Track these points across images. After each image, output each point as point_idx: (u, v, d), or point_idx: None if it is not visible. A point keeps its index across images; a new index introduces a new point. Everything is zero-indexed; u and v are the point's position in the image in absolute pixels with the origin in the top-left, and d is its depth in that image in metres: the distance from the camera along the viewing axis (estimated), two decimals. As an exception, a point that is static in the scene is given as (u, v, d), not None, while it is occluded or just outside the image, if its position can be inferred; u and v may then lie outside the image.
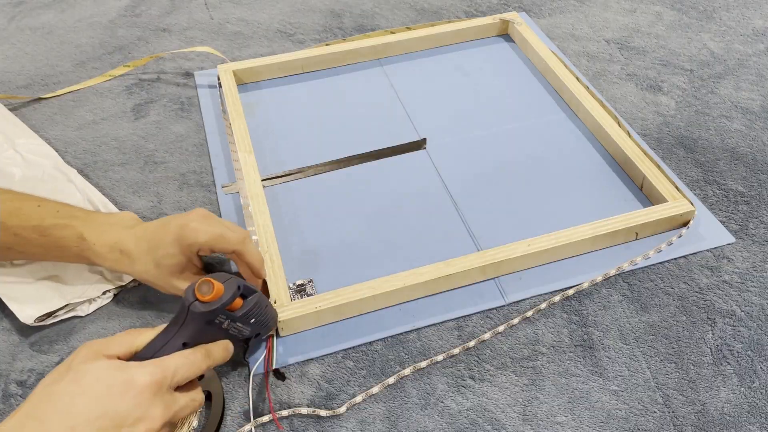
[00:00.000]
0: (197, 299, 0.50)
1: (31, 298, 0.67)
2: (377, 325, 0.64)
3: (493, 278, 0.68)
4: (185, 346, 0.51)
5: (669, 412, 0.57)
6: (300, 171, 0.80)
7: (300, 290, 0.67)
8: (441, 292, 0.66)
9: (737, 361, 0.61)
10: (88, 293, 0.67)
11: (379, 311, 0.65)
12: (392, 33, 0.99)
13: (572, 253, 0.69)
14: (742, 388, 0.59)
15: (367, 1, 1.11)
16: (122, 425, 0.45)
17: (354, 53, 0.96)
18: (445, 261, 0.66)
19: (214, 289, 0.50)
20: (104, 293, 0.68)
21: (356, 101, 0.90)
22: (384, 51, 0.97)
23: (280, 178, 0.80)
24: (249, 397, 0.59)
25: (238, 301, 0.53)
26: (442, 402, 0.59)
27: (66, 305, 0.66)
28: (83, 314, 0.67)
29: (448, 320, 0.64)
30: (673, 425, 0.56)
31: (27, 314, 0.65)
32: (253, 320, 0.54)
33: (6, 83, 0.96)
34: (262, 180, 0.78)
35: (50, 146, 0.84)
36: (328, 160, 0.82)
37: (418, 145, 0.83)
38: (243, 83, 0.93)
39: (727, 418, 0.57)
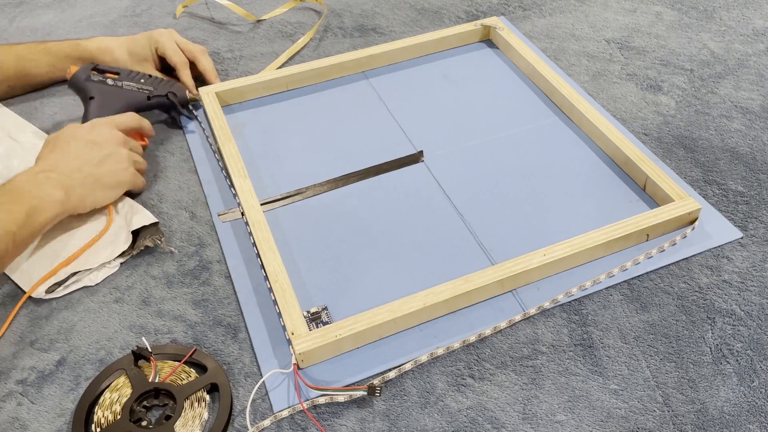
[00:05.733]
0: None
1: (40, 271, 0.68)
2: (400, 350, 0.62)
3: (511, 291, 0.67)
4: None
5: (669, 411, 0.57)
6: (298, 193, 0.77)
7: (315, 318, 0.64)
8: (459, 310, 0.65)
9: (737, 360, 0.61)
10: (94, 261, 0.69)
11: (399, 334, 0.63)
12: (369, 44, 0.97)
13: (587, 260, 0.68)
14: (742, 388, 0.59)
15: (367, 0, 1.12)
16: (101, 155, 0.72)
17: (337, 67, 0.94)
18: (464, 277, 0.64)
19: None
20: (110, 262, 0.70)
21: (346, 116, 0.89)
22: (368, 63, 0.95)
23: (278, 201, 0.77)
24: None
25: None
26: (442, 401, 0.59)
27: (74, 273, 0.68)
28: (92, 284, 0.69)
29: (470, 338, 0.63)
30: (673, 424, 0.56)
31: (38, 287, 0.67)
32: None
33: (7, 82, 0.96)
34: (261, 204, 0.74)
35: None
36: (326, 180, 0.79)
37: (416, 158, 0.82)
38: (228, 104, 0.91)
39: (727, 417, 0.57)
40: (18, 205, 0.63)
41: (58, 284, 0.68)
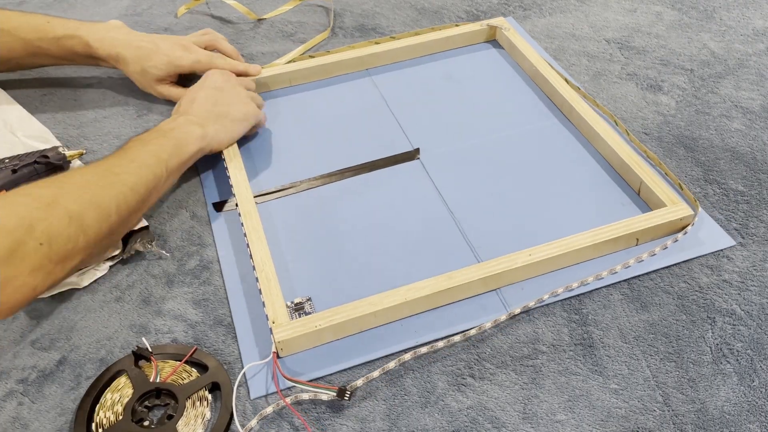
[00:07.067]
0: None
1: None
2: (380, 342, 0.63)
3: (494, 290, 0.67)
4: None
5: (669, 411, 0.57)
6: (293, 186, 0.78)
7: (298, 308, 0.65)
8: (442, 306, 0.65)
9: (737, 359, 0.61)
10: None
11: (380, 328, 0.64)
12: (377, 44, 0.98)
13: (573, 261, 0.68)
14: (742, 387, 0.59)
15: (368, 0, 1.12)
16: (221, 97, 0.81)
17: (342, 64, 0.94)
18: (446, 274, 0.65)
19: None
20: (98, 264, 0.70)
21: (346, 113, 0.89)
22: (372, 61, 0.96)
23: (272, 194, 0.78)
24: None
25: None
26: (443, 400, 0.59)
27: None
28: (79, 286, 0.68)
29: (451, 335, 0.63)
30: (673, 424, 0.56)
31: None
32: None
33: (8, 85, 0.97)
34: (255, 197, 0.75)
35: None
36: (321, 174, 0.80)
37: (412, 155, 0.82)
38: None
39: (727, 416, 0.57)
40: (166, 139, 0.72)
41: None
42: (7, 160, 0.78)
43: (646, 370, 0.60)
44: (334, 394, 0.57)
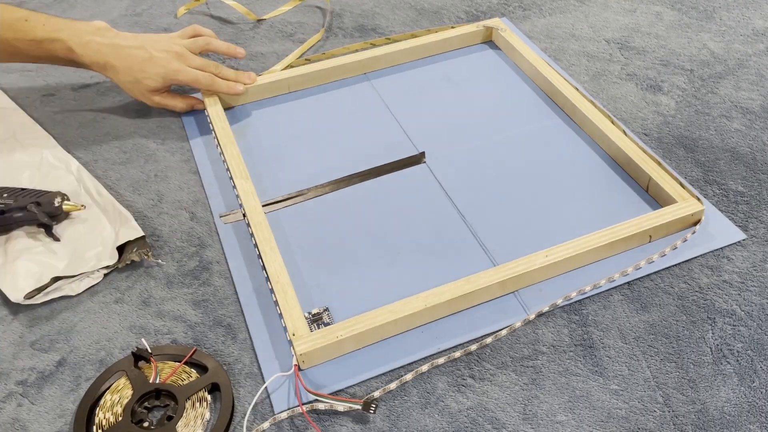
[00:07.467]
0: None
1: (21, 275, 0.68)
2: (402, 351, 0.62)
3: (512, 292, 0.66)
4: None
5: (669, 412, 0.57)
6: (300, 194, 0.77)
7: (316, 319, 0.64)
8: (461, 311, 0.65)
9: (737, 360, 0.61)
10: (77, 269, 0.68)
11: (402, 335, 0.63)
12: (373, 45, 0.97)
13: (590, 261, 0.68)
14: (742, 388, 0.59)
15: (367, 0, 1.12)
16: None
17: (340, 69, 0.94)
18: (465, 278, 0.64)
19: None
20: (93, 272, 0.69)
21: (348, 118, 0.89)
22: (370, 65, 0.95)
23: (280, 203, 0.77)
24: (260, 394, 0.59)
25: None
26: (443, 401, 0.59)
27: (55, 280, 0.67)
28: (73, 293, 0.68)
29: (473, 339, 0.63)
30: (673, 424, 0.56)
31: (17, 291, 0.66)
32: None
33: (8, 84, 0.96)
34: (263, 206, 0.74)
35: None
36: (329, 181, 0.79)
37: (418, 159, 0.82)
38: (230, 107, 0.90)
39: (727, 417, 0.57)
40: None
41: (38, 290, 0.67)
42: (5, 194, 0.72)
43: (647, 371, 0.60)
44: (359, 407, 0.57)
